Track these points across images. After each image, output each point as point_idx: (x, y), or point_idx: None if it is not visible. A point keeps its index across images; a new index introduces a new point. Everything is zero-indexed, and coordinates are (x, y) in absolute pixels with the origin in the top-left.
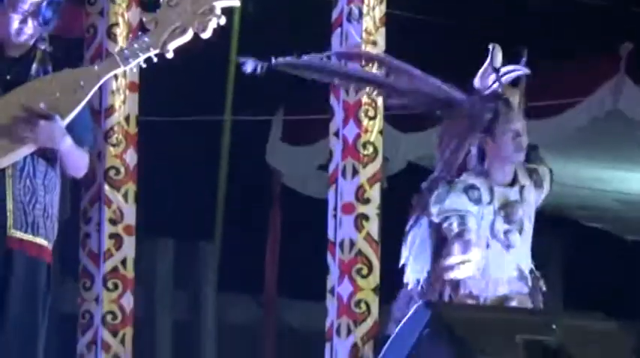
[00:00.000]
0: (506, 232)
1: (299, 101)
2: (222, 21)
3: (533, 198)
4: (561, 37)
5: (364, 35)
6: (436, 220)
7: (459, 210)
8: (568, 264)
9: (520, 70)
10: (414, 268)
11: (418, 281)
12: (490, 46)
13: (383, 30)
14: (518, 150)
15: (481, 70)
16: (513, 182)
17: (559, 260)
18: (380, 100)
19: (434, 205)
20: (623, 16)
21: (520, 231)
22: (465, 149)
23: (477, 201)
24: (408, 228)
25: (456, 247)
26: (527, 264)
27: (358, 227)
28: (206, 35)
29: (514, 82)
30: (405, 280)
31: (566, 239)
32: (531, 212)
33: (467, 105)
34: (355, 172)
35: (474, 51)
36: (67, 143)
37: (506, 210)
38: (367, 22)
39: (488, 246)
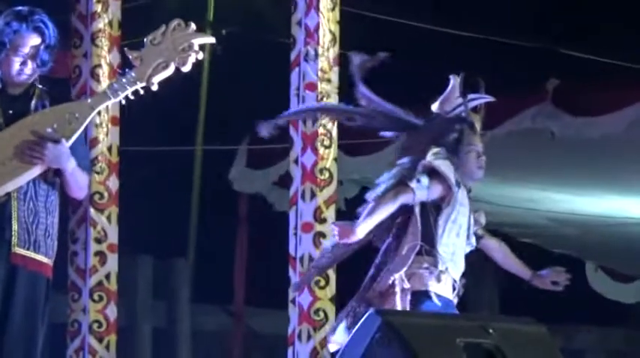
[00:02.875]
0: (469, 234)
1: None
2: (201, 56)
3: None
4: (494, 71)
5: (320, 74)
6: (433, 165)
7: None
8: (503, 275)
9: (485, 98)
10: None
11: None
12: (452, 77)
13: (337, 69)
14: (480, 168)
15: (442, 97)
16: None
17: (495, 272)
18: (334, 131)
19: (436, 156)
20: (550, 55)
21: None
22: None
23: (458, 186)
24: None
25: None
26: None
27: (316, 243)
28: (186, 69)
29: (474, 109)
30: None
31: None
32: None
33: (431, 126)
34: (313, 195)
35: (414, 86)
36: (72, 164)
37: (475, 215)
38: (322, 62)
39: (458, 235)
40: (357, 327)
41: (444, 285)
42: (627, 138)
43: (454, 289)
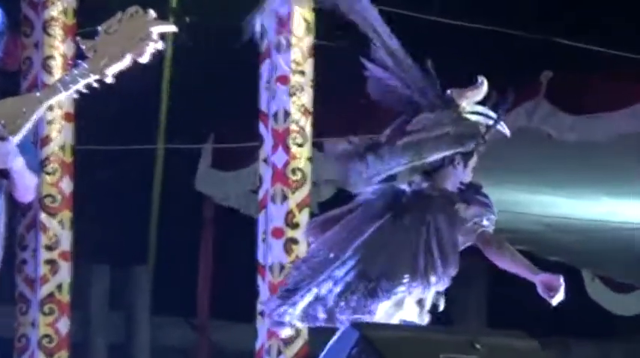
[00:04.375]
0: None
1: (229, 129)
2: (160, 46)
3: None
4: (483, 63)
5: (293, 65)
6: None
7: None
8: (491, 285)
9: (505, 132)
10: None
11: None
12: (479, 77)
13: (311, 60)
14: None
15: (467, 91)
16: None
17: (482, 282)
18: (308, 127)
19: (474, 209)
20: (544, 46)
21: None
22: (444, 154)
23: None
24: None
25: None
26: None
27: (287, 251)
28: (144, 60)
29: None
30: None
31: (488, 260)
32: None
33: (454, 119)
34: (284, 198)
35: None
36: (19, 163)
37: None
38: (295, 53)
39: None
40: (332, 341)
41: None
42: (626, 137)
43: (421, 308)
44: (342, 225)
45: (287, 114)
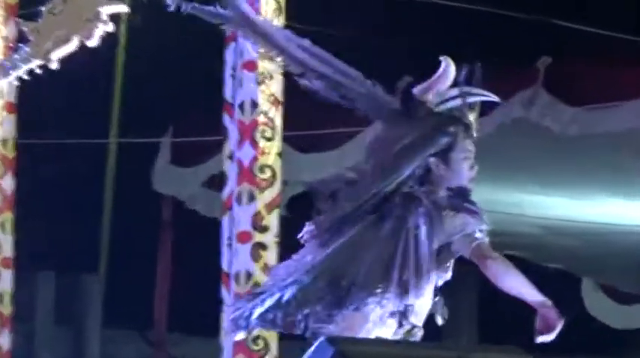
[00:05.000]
0: None
1: (189, 121)
2: (110, 28)
3: None
4: (475, 48)
5: (261, 50)
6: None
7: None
8: (482, 295)
9: (487, 96)
10: None
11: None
12: (442, 59)
13: None
14: (471, 179)
15: (430, 82)
16: None
17: (473, 292)
18: (278, 119)
19: (465, 218)
20: (541, 29)
21: None
22: (414, 165)
23: None
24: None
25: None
26: None
27: (255, 257)
28: (92, 43)
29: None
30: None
31: (479, 268)
32: None
33: (418, 123)
34: (252, 198)
35: (383, 66)
36: None
37: None
38: None
39: None
40: (305, 356)
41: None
42: (632, 132)
43: (400, 325)
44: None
45: (254, 104)
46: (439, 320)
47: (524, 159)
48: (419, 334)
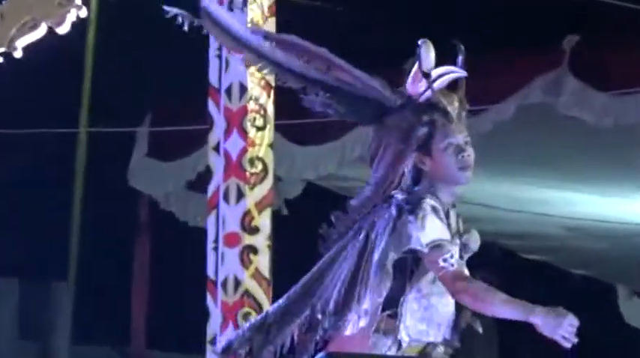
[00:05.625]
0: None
1: (169, 108)
2: (84, 13)
3: None
4: (495, 29)
5: (250, 27)
6: (425, 250)
7: (446, 240)
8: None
9: (456, 73)
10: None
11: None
12: (420, 43)
13: (273, 20)
14: (464, 168)
15: (411, 73)
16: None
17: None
18: (270, 106)
19: (423, 230)
20: (567, 3)
21: None
22: (402, 167)
23: (448, 227)
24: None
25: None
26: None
27: (244, 262)
28: (63, 30)
29: (451, 86)
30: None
31: (499, 274)
32: None
33: (395, 119)
34: (240, 195)
35: (387, 45)
36: None
37: (464, 238)
38: (254, 11)
39: (434, 281)
40: None
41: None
42: None
43: (399, 347)
44: None
45: (243, 89)
46: (479, 329)
47: (547, 152)
48: (439, 350)
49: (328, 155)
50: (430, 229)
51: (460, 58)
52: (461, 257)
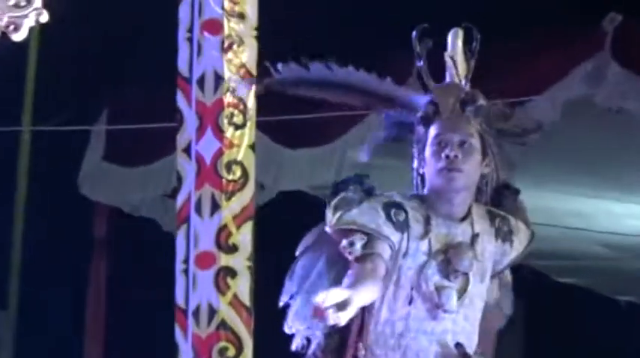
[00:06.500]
0: (440, 288)
1: (130, 103)
2: (44, 18)
3: (491, 254)
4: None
5: (227, 4)
6: (331, 232)
7: (367, 227)
8: (531, 337)
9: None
10: (301, 316)
11: (308, 340)
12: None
13: None
14: (444, 170)
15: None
16: (464, 218)
17: (519, 331)
18: (251, 100)
19: (335, 210)
20: None
21: (461, 294)
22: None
23: (401, 227)
24: (298, 252)
25: (346, 280)
26: (470, 346)
27: (220, 287)
28: (19, 37)
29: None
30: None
31: (528, 301)
32: (484, 271)
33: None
34: (215, 206)
35: (391, 29)
36: None
37: (449, 254)
38: None
39: (411, 301)
40: None
41: None
42: None
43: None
44: None
45: (219, 79)
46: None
47: (583, 153)
48: None
49: (324, 160)
50: (355, 213)
51: (475, 46)
52: (447, 276)
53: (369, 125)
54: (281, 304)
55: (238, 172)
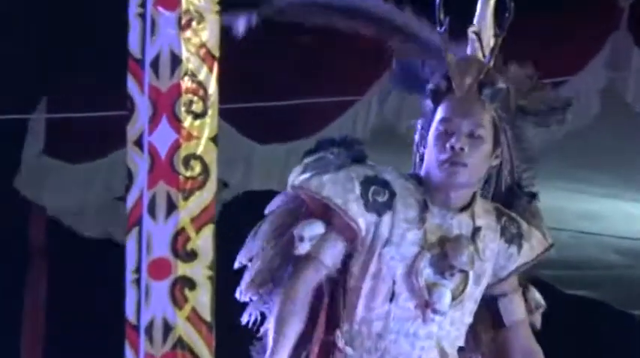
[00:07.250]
0: (431, 285)
1: (73, 90)
2: None
3: (492, 254)
4: None
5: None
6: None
7: (332, 201)
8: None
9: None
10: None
11: (263, 315)
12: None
13: None
14: (446, 162)
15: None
16: (464, 209)
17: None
18: (212, 85)
19: (304, 170)
20: None
21: (456, 294)
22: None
23: (377, 209)
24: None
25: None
26: (453, 354)
27: (177, 300)
28: None
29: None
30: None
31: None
32: (482, 272)
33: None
34: (172, 207)
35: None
36: None
37: (446, 247)
38: None
39: (392, 298)
40: None
41: None
42: None
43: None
44: None
45: (177, 60)
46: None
47: (596, 148)
48: None
49: (300, 156)
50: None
51: (507, 17)
52: (441, 272)
53: (354, 117)
54: (236, 265)
55: (198, 168)
